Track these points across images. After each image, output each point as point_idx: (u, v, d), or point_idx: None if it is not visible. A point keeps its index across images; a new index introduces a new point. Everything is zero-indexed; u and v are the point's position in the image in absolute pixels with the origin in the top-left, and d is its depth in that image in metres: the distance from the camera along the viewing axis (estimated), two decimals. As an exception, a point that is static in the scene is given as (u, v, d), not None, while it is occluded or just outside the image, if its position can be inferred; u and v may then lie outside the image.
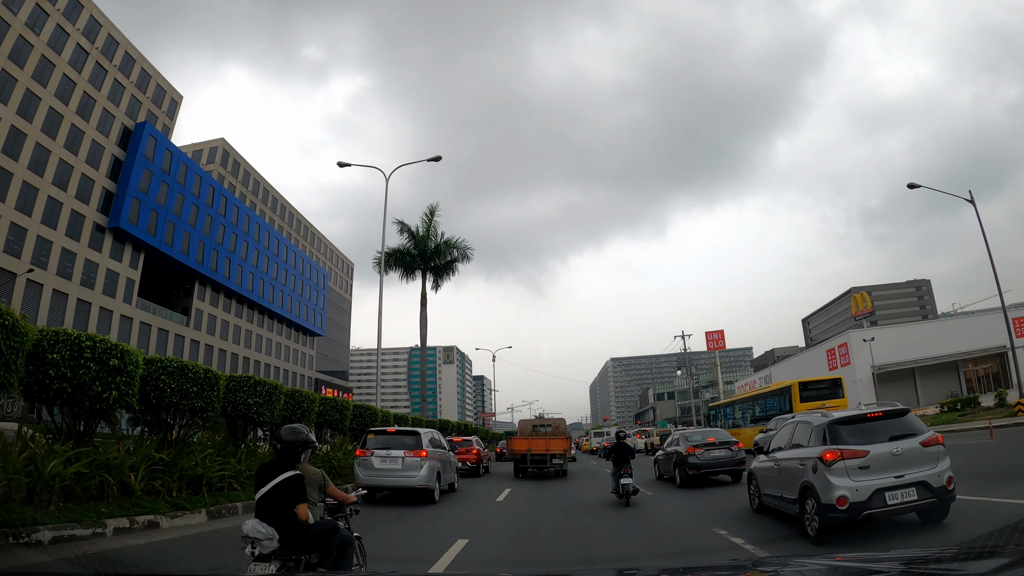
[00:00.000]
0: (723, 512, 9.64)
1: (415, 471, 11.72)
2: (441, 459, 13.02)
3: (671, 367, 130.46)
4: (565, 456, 18.66)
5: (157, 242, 49.79)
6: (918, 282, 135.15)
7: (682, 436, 15.48)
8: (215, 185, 57.39)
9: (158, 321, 50.56)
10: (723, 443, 14.56)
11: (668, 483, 15.36)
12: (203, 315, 56.08)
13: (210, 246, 55.66)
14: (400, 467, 11.76)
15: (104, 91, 47.94)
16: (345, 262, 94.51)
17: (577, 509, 11.66)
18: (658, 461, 16.90)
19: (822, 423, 7.17)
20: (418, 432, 12.58)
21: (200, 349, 54.66)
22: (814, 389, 22.21)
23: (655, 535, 8.45)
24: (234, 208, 60.04)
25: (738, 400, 28.30)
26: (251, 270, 61.54)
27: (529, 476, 19.10)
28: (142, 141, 49.86)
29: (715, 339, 66.77)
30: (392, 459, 11.83)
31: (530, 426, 20.57)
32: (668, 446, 16.10)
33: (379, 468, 11.81)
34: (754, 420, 24.38)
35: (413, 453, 11.85)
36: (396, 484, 11.91)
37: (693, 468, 13.86)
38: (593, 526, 9.32)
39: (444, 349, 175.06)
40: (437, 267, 25.55)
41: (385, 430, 12.91)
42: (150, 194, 49.84)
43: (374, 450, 11.98)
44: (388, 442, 12.19)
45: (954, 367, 41.55)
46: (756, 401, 25.20)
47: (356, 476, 12.14)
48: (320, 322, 77.77)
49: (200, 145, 64.46)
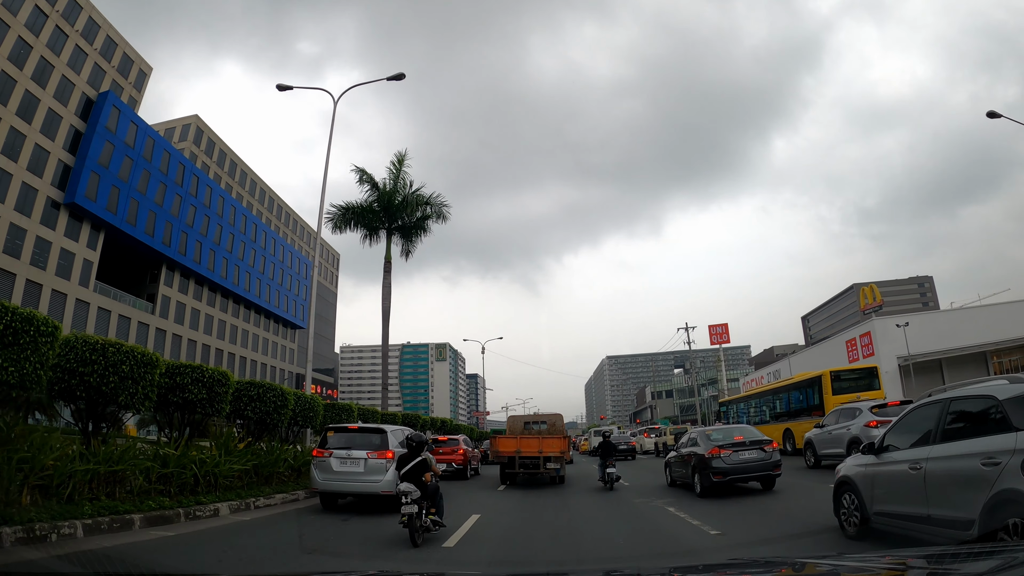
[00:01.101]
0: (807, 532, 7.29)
1: (379, 475, 10.31)
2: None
3: (668, 365, 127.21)
4: (562, 459, 15.44)
5: (118, 221, 45.80)
6: (921, 279, 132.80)
7: (702, 435, 12.67)
8: (185, 163, 53.39)
9: (119, 307, 46.55)
10: (754, 443, 11.72)
11: (684, 491, 12.68)
12: (171, 302, 52.05)
13: (179, 228, 51.65)
14: (362, 470, 10.41)
15: (64, 57, 44.05)
16: (331, 252, 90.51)
17: (586, 537, 8.48)
18: (671, 464, 14.10)
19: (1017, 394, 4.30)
20: (384, 430, 11.03)
21: (167, 339, 50.67)
22: (847, 379, 18.77)
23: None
24: (207, 189, 56.01)
25: (754, 395, 24.61)
26: (225, 256, 57.51)
27: (519, 483, 15.93)
28: (104, 111, 45.96)
29: (718, 333, 63.21)
30: (353, 461, 10.46)
31: (521, 423, 17.34)
32: (683, 447, 13.38)
33: (338, 471, 10.47)
34: (776, 416, 20.93)
35: (377, 454, 10.43)
36: (357, 490, 10.54)
37: (718, 474, 11.23)
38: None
39: (436, 346, 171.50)
40: (406, 226, 21.25)
41: (347, 427, 11.54)
42: (111, 169, 45.87)
43: (333, 450, 10.59)
44: (350, 441, 10.81)
45: (982, 358, 38.13)
46: (777, 395, 21.67)
47: (312, 480, 10.72)
48: (302, 314, 73.80)
49: (172, 123, 60.47)
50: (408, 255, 21.74)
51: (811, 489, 11.82)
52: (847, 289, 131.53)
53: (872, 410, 12.80)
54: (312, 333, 16.64)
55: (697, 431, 13.43)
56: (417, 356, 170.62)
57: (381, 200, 20.23)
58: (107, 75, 48.63)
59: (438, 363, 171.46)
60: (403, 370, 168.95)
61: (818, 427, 14.76)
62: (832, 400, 17.34)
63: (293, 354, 73.31)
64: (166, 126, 59.40)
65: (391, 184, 20.08)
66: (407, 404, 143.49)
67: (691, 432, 14.09)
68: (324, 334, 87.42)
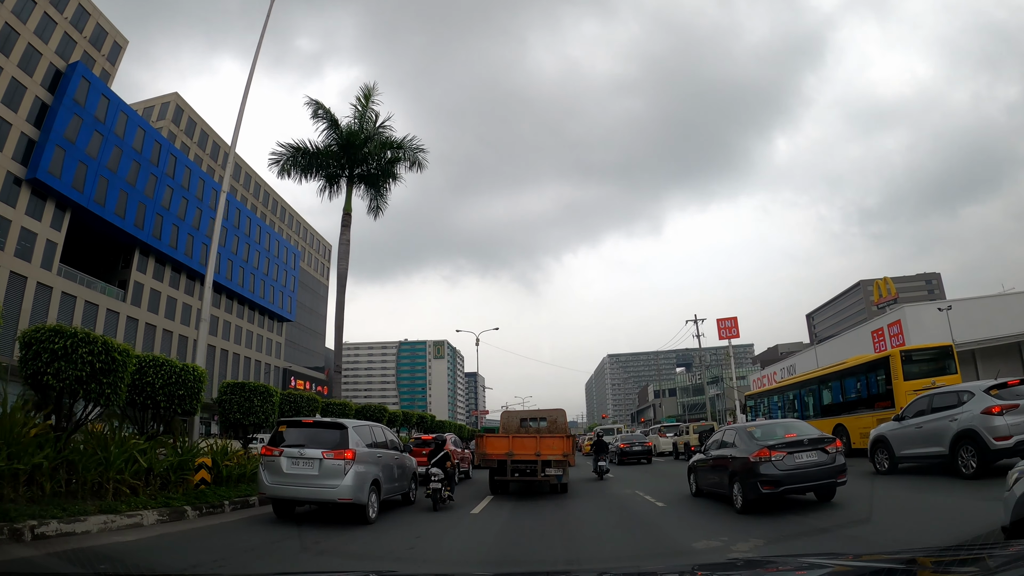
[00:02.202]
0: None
1: (336, 479, 8.84)
2: (382, 462, 10.03)
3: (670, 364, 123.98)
4: (565, 463, 12.35)
5: (85, 200, 42.51)
6: (928, 275, 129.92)
7: (742, 433, 9.75)
8: (162, 141, 50.07)
9: (86, 293, 43.23)
10: (813, 442, 8.84)
11: (716, 504, 9.95)
12: (144, 290, 48.69)
13: (153, 210, 48.32)
14: (316, 473, 8.90)
15: (31, 24, 40.89)
16: (322, 243, 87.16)
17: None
18: (697, 470, 11.25)
19: None
20: (343, 426, 9.43)
21: (139, 328, 47.35)
22: (921, 361, 15.20)
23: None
24: (185, 170, 52.67)
25: (792, 385, 20.89)
26: (204, 241, 54.13)
27: (511, 491, 13.37)
28: (72, 82, 42.75)
29: (727, 327, 59.78)
30: (306, 462, 8.96)
31: (516, 420, 14.82)
32: (712, 447, 10.67)
33: (288, 473, 8.96)
34: (824, 410, 17.46)
35: (335, 454, 8.93)
36: (309, 496, 9.06)
37: (769, 483, 8.41)
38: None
39: (434, 343, 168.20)
40: (370, 174, 17.18)
41: (300, 421, 9.89)
42: (78, 144, 42.61)
43: (284, 449, 9.08)
44: (303, 438, 9.24)
45: (1016, 349, 34.99)
46: (825, 384, 17.88)
47: (259, 483, 9.19)
48: (290, 306, 70.44)
49: (151, 101, 57.18)
50: (378, 211, 17.90)
51: (897, 502, 8.89)
52: (853, 286, 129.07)
53: (991, 391, 9.46)
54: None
55: (734, 428, 10.29)
56: (414, 354, 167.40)
57: (341, 141, 16.39)
58: (78, 46, 45.50)
59: (436, 361, 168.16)
60: (400, 368, 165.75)
61: (897, 420, 11.41)
62: (903, 386, 13.93)
63: (280, 348, 69.99)
64: (144, 105, 56.12)
65: (356, 125, 16.32)
66: (404, 403, 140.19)
67: (723, 430, 10.97)
68: (315, 329, 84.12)
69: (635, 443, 24.42)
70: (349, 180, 16.56)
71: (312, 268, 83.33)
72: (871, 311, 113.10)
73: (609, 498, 12.06)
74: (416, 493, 11.82)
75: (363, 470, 9.00)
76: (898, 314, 34.17)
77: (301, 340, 78.38)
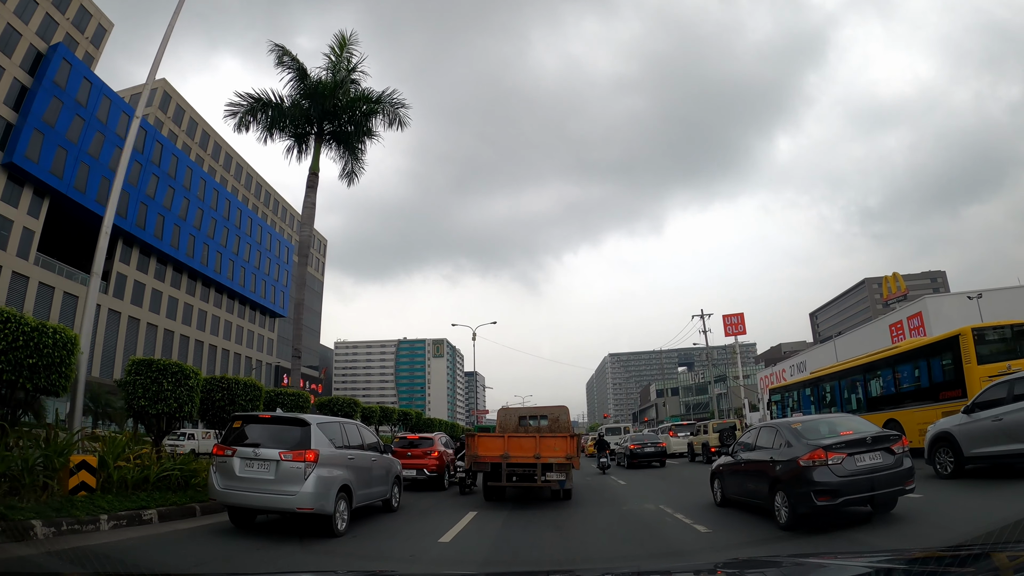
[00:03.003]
0: None
1: (294, 484, 7.38)
2: (355, 465, 8.67)
3: (672, 363, 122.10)
4: (568, 467, 10.82)
5: (65, 186, 40.72)
6: (933, 273, 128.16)
7: (786, 430, 7.73)
8: (147, 128, 48.23)
9: (65, 284, 41.39)
10: (877, 440, 7.02)
11: (750, 516, 8.06)
12: (127, 281, 46.83)
13: (137, 198, 46.46)
14: (272, 477, 7.46)
15: (11, 4, 39.12)
16: (317, 238, 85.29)
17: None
18: (722, 475, 9.37)
19: None
20: (305, 422, 8.02)
21: (121, 322, 45.51)
22: (996, 341, 12.51)
23: None
24: (172, 158, 50.79)
25: (830, 375, 17.97)
26: (192, 232, 52.31)
27: (507, 497, 11.92)
28: (52, 64, 40.99)
29: (734, 323, 57.94)
30: (261, 464, 7.54)
31: (515, 418, 13.48)
32: (741, 450, 8.84)
33: (241, 477, 7.52)
34: (872, 403, 14.91)
35: (293, 455, 7.50)
36: (264, 504, 7.56)
37: (826, 494, 6.60)
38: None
39: (434, 342, 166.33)
40: (342, 131, 14.94)
41: (257, 416, 8.55)
42: (58, 128, 40.83)
43: (237, 448, 7.68)
44: (260, 436, 7.88)
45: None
46: (872, 372, 15.02)
47: (209, 487, 7.89)
48: (282, 301, 68.55)
49: (137, 88, 55.19)
50: (353, 177, 15.77)
51: (979, 512, 7.20)
52: (858, 284, 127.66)
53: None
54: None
55: (772, 425, 8.36)
56: (413, 353, 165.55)
57: (310, 93, 14.22)
58: (60, 27, 43.68)
59: (435, 360, 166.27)
60: (399, 367, 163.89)
61: (966, 412, 9.46)
62: (977, 371, 11.74)
63: (272, 344, 68.10)
64: (131, 92, 54.27)
65: (329, 76, 14.18)
66: (403, 402, 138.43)
67: (756, 427, 9.06)
68: (310, 325, 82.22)
69: (647, 443, 21.64)
70: (318, 136, 14.34)
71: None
72: (876, 309, 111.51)
73: (628, 517, 9.19)
74: (399, 499, 10.61)
75: (329, 474, 7.79)
76: (918, 306, 32.18)
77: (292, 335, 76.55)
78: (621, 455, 22.47)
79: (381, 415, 24.72)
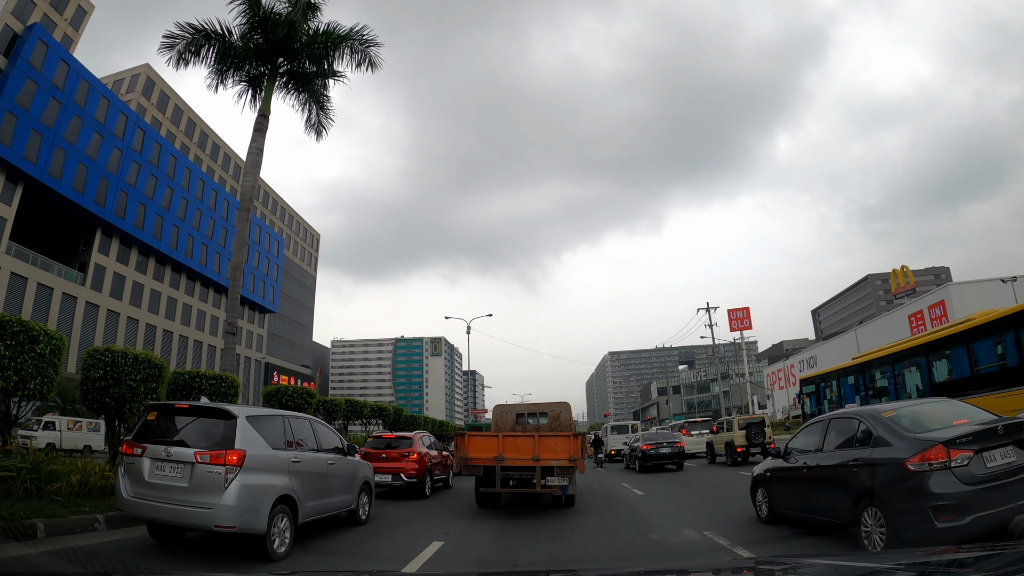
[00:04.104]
0: None
1: (212, 495, 5.77)
2: (302, 471, 6.85)
3: (672, 361, 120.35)
4: (571, 470, 9.58)
5: (39, 172, 38.60)
6: (937, 269, 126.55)
7: (874, 420, 5.61)
8: (128, 113, 46.13)
9: (39, 275, 39.29)
10: (1011, 430, 4.95)
11: (820, 541, 5.93)
12: (106, 273, 44.72)
13: (117, 186, 44.33)
14: (186, 484, 5.86)
15: (-19, -18, 37.07)
16: (310, 232, 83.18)
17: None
18: (770, 483, 7.22)
19: None
20: (230, 414, 6.23)
21: (100, 316, 43.39)
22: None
23: None
24: (155, 145, 48.67)
25: (879, 358, 14.86)
26: (176, 223, 50.23)
27: (503, 504, 10.64)
28: (27, 45, 38.87)
29: (739, 318, 56.17)
30: (174, 467, 5.94)
31: (511, 415, 12.26)
32: (798, 450, 6.72)
33: (151, 483, 5.94)
34: (938, 390, 11.94)
35: (212, 457, 5.87)
36: (175, 518, 5.91)
37: (949, 511, 4.53)
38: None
39: (432, 340, 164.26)
40: (301, 72, 12.92)
41: (173, 406, 6.69)
42: (32, 111, 38.70)
43: (148, 446, 6.05)
44: (176, 431, 6.27)
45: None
46: (940, 352, 12.25)
47: (117, 494, 6.21)
48: (272, 296, 66.43)
49: (121, 74, 53.25)
50: (320, 129, 13.56)
51: None
52: (861, 281, 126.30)
53: None
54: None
55: (853, 414, 6.15)
56: (411, 351, 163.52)
57: (262, 23, 12.05)
58: (37, 7, 41.56)
59: (433, 358, 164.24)
60: (396, 366, 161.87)
61: None
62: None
63: (261, 340, 65.96)
64: (114, 78, 52.22)
65: (286, 9, 11.65)
66: (400, 401, 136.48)
67: (822, 419, 6.67)
68: (303, 322, 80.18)
69: (662, 443, 18.51)
70: (271, 73, 12.30)
71: (298, 257, 79.28)
72: (880, 305, 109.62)
73: (665, 551, 6.45)
74: (369, 509, 8.89)
75: (260, 482, 6.19)
76: (941, 294, 30.36)
77: (285, 333, 74.38)
78: (631, 456, 19.78)
79: (349, 409, 21.70)
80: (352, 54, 12.52)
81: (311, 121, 13.35)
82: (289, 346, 74.92)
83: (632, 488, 13.20)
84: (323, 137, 13.31)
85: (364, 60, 12.61)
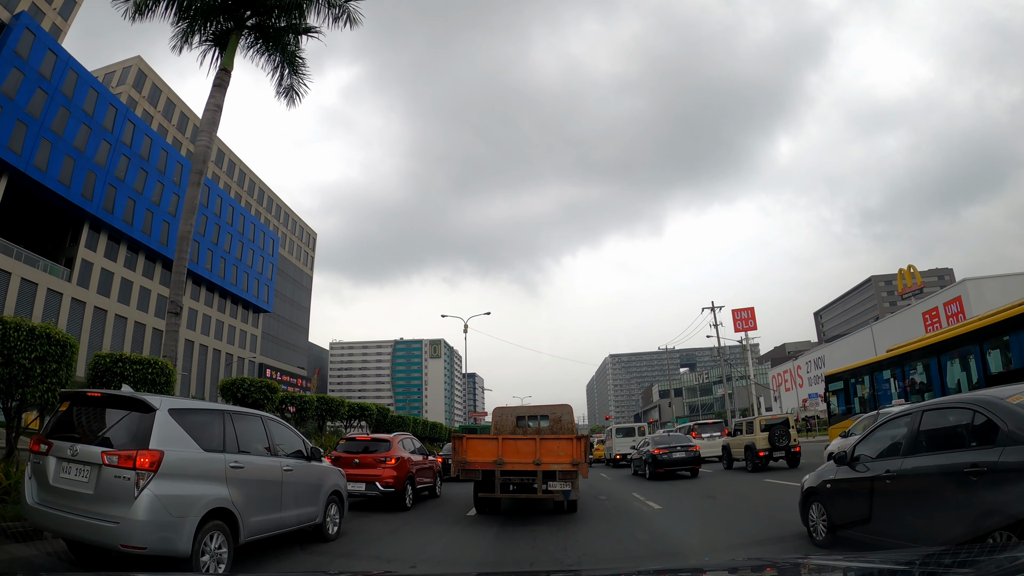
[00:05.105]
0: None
1: (120, 506, 4.69)
2: (244, 478, 5.76)
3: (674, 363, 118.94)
4: (575, 474, 9.25)
5: (23, 163, 37.38)
6: (940, 271, 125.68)
7: (998, 408, 3.96)
8: (118, 105, 44.95)
9: (23, 269, 38.03)
10: None
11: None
12: (93, 269, 43.46)
13: (105, 180, 43.11)
14: (91, 491, 4.81)
15: (-35, -33, 36.02)
16: (306, 231, 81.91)
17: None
18: (830, 496, 5.77)
19: None
20: (147, 405, 5.16)
21: (86, 312, 42.12)
22: None
23: None
24: (145, 139, 47.49)
25: (919, 349, 13.46)
26: (167, 219, 48.98)
27: (501, 510, 10.30)
28: (14, 33, 37.74)
29: (744, 318, 54.80)
30: (80, 469, 4.89)
31: (512, 418, 11.75)
32: (872, 455, 5.27)
33: (55, 487, 4.93)
34: (994, 381, 10.17)
35: (121, 458, 4.79)
36: (75, 533, 4.85)
37: None
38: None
39: (431, 342, 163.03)
40: (269, 26, 11.59)
41: (84, 395, 5.49)
42: (17, 101, 37.51)
43: (54, 442, 5.06)
44: (86, 424, 5.28)
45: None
46: (996, 339, 10.97)
47: (22, 500, 5.17)
48: (267, 296, 65.12)
49: (112, 66, 52.11)
50: (293, 94, 12.29)
51: None
52: (863, 283, 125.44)
53: None
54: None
55: (966, 401, 4.55)
56: (410, 353, 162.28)
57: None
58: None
59: (432, 361, 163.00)
60: (395, 368, 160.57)
61: None
62: None
63: (256, 341, 64.65)
64: (105, 71, 51.10)
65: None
66: (399, 403, 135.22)
67: (910, 410, 5.10)
68: (299, 322, 78.85)
69: (675, 447, 16.60)
70: (236, 26, 10.99)
71: (294, 256, 77.99)
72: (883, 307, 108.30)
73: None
74: (339, 523, 7.69)
75: (183, 491, 5.06)
76: (957, 290, 29.07)
77: (280, 334, 73.02)
78: (641, 462, 18.01)
79: (322, 407, 19.33)
80: (329, 8, 11.32)
81: (283, 84, 12.08)
82: (284, 347, 73.56)
83: (646, 500, 11.47)
84: (295, 104, 12.05)
85: (343, 15, 11.39)
